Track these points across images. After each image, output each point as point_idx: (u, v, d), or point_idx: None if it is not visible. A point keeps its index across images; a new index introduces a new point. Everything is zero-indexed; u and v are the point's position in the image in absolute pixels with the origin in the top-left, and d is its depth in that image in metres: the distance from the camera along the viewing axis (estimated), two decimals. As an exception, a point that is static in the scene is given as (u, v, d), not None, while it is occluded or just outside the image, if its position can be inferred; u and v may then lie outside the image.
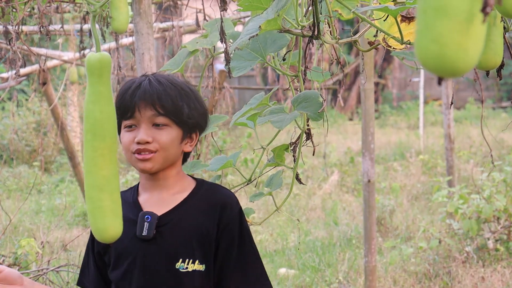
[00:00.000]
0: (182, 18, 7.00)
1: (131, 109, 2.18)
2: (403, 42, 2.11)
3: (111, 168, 1.93)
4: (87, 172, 1.92)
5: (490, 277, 5.93)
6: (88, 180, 1.92)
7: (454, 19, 0.96)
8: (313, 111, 2.31)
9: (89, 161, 1.92)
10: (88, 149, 1.92)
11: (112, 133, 1.94)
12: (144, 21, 3.44)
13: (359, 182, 10.16)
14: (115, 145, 1.94)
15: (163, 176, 2.24)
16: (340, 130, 16.39)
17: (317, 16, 2.11)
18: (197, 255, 2.17)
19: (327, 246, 7.22)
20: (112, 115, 1.94)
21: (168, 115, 2.17)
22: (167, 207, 2.22)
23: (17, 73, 3.56)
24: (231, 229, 2.19)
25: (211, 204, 2.21)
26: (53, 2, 3.30)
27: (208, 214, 2.19)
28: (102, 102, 1.92)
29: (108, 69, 1.92)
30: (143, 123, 2.17)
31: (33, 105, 12.93)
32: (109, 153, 1.91)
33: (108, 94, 1.93)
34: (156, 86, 2.18)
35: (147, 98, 2.16)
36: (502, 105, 20.47)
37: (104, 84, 1.92)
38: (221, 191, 2.29)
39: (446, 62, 0.98)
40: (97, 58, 1.90)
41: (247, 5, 2.25)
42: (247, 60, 2.38)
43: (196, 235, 2.18)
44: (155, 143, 2.16)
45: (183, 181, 2.29)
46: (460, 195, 6.60)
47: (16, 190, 10.17)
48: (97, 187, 1.92)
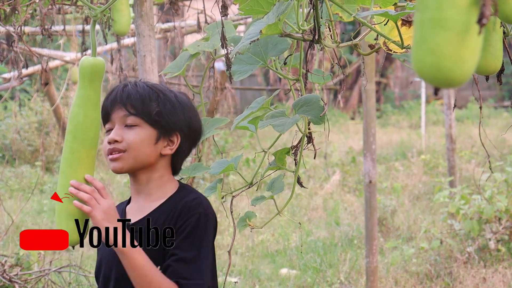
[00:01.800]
0: (184, 19, 7.01)
1: (107, 113, 2.21)
2: (403, 46, 2.12)
3: (86, 173, 1.94)
4: (61, 172, 1.94)
5: (491, 278, 5.93)
6: (60, 180, 1.94)
7: (451, 31, 0.97)
8: (314, 115, 2.32)
9: (65, 162, 1.95)
10: (66, 150, 1.94)
11: (93, 138, 1.96)
12: (145, 23, 3.45)
13: (361, 182, 10.15)
14: (93, 151, 1.96)
15: (145, 180, 2.25)
16: (342, 129, 16.39)
17: (317, 20, 2.12)
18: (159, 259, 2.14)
19: (328, 247, 7.22)
20: (96, 120, 1.95)
21: (138, 114, 2.19)
22: (142, 214, 2.24)
23: (19, 76, 3.58)
24: (181, 232, 2.15)
25: (174, 207, 2.19)
26: (54, 5, 3.31)
27: (169, 218, 2.18)
28: (88, 106, 1.94)
29: (100, 74, 1.94)
30: (116, 123, 2.20)
31: (35, 104, 12.94)
32: (86, 158, 1.94)
33: (96, 99, 1.95)
34: (129, 89, 2.21)
35: (118, 99, 2.20)
36: (504, 104, 20.45)
37: (93, 89, 1.94)
38: (189, 195, 2.24)
39: (443, 73, 0.99)
40: (90, 63, 1.92)
41: (248, 9, 2.26)
42: (248, 64, 2.39)
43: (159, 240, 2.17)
44: (124, 142, 2.18)
45: (166, 186, 2.27)
46: (461, 196, 6.60)
47: (18, 190, 10.17)
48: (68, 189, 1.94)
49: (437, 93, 1.04)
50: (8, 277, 4.66)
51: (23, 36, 3.84)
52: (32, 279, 4.85)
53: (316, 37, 2.15)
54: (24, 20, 3.53)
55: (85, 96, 1.93)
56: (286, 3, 2.11)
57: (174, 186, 2.29)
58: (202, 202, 2.22)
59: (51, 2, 3.36)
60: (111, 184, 9.76)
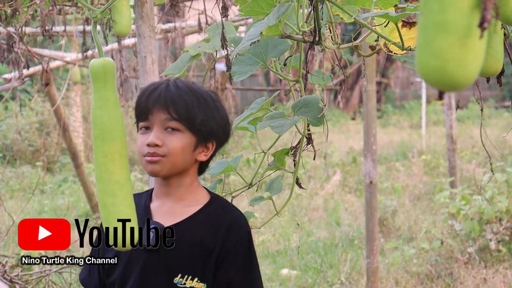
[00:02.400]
0: (184, 19, 7.01)
1: (145, 112, 2.17)
2: (404, 48, 2.12)
3: (123, 172, 1.92)
4: (99, 178, 1.91)
5: (492, 278, 5.93)
6: (100, 186, 1.91)
7: (454, 35, 0.97)
8: (313, 116, 2.32)
9: (100, 166, 1.91)
10: (98, 155, 1.91)
11: (121, 137, 1.93)
12: (146, 24, 3.45)
13: (361, 182, 10.15)
14: (125, 149, 1.94)
15: (176, 184, 2.21)
16: (342, 129, 16.39)
17: (318, 22, 2.12)
18: (197, 272, 2.13)
19: (329, 247, 7.22)
20: (120, 119, 1.93)
21: (181, 120, 2.14)
22: (175, 219, 2.19)
23: (21, 77, 3.58)
24: (236, 252, 2.15)
25: (219, 223, 2.17)
26: (55, 6, 3.31)
27: (214, 233, 2.15)
28: (109, 106, 1.92)
29: (112, 73, 1.92)
30: (156, 126, 2.15)
31: (36, 105, 12.94)
32: (120, 157, 1.91)
33: (114, 98, 1.92)
34: (172, 91, 2.16)
35: (161, 101, 2.15)
36: (505, 105, 20.46)
37: (109, 89, 1.92)
38: (231, 211, 2.24)
39: (447, 76, 0.98)
40: (101, 64, 1.90)
41: (248, 10, 2.26)
42: (248, 65, 2.39)
43: (199, 253, 2.14)
44: (164, 147, 2.14)
45: (196, 193, 2.25)
46: (462, 196, 6.60)
47: (19, 190, 10.18)
48: (110, 193, 1.91)
49: (442, 96, 1.04)
50: (9, 277, 4.66)
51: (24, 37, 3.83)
52: (33, 279, 4.85)
53: (317, 39, 2.15)
54: (25, 21, 3.53)
55: (103, 97, 1.91)
56: (287, 4, 2.11)
57: (204, 193, 2.27)
58: (244, 218, 2.24)
59: (52, 3, 3.35)
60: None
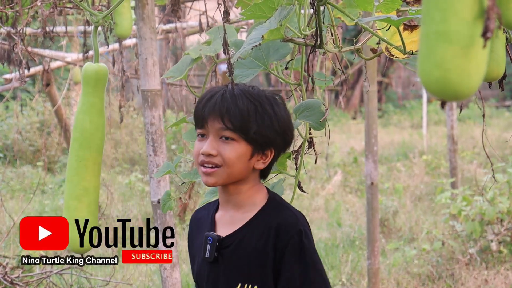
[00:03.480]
0: (185, 20, 7.01)
1: (202, 120, 2.14)
2: (405, 52, 2.11)
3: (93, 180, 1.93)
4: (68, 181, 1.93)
5: (493, 280, 5.93)
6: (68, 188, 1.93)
7: (456, 44, 0.96)
8: (315, 120, 2.31)
9: (72, 170, 1.93)
10: (72, 158, 1.93)
11: (98, 145, 1.94)
12: (147, 26, 3.45)
13: (363, 183, 10.15)
14: (100, 157, 1.94)
15: (234, 191, 2.18)
16: (344, 129, 16.39)
17: (319, 26, 2.11)
18: (256, 279, 2.10)
19: (330, 248, 7.22)
20: (101, 126, 1.93)
21: (236, 130, 2.11)
22: (233, 227, 2.17)
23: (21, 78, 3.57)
24: (290, 253, 2.09)
25: (268, 226, 2.12)
26: (56, 9, 3.31)
27: (263, 238, 2.11)
28: (93, 113, 1.92)
29: (103, 81, 1.92)
30: (211, 134, 2.12)
31: (37, 105, 12.94)
32: (93, 165, 1.92)
33: (100, 106, 1.93)
34: (227, 99, 2.12)
35: (216, 110, 2.11)
36: (506, 104, 20.46)
37: (97, 96, 1.92)
38: (283, 211, 2.18)
39: (449, 86, 0.98)
40: (94, 69, 1.91)
41: (249, 14, 2.25)
42: (249, 68, 2.38)
43: (255, 259, 2.11)
44: (219, 157, 2.11)
45: (256, 196, 2.20)
46: (463, 197, 6.59)
47: (20, 190, 10.17)
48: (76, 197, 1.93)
49: (444, 106, 1.03)
50: (9, 279, 4.66)
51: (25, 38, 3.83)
52: (34, 281, 4.85)
53: (318, 42, 2.15)
54: (26, 23, 3.52)
55: (89, 103, 1.92)
56: (288, 8, 2.10)
57: (263, 195, 2.22)
58: (295, 216, 2.16)
59: (53, 5, 3.35)
60: (112, 185, 9.76)
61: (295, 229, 2.11)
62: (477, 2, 0.98)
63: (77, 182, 1.93)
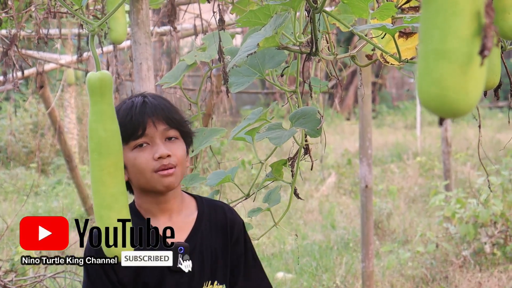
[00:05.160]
0: (180, 23, 7.00)
1: (142, 126, 2.12)
2: (400, 60, 2.11)
3: (119, 186, 1.92)
4: (95, 192, 1.92)
5: (487, 282, 5.94)
6: (96, 199, 1.92)
7: (454, 62, 0.97)
8: (311, 127, 2.31)
9: (96, 180, 1.92)
10: (94, 168, 1.91)
11: (117, 150, 1.93)
12: (142, 31, 3.43)
13: (356, 184, 10.16)
14: (121, 163, 1.93)
15: (172, 196, 2.18)
16: (337, 130, 16.39)
17: (315, 33, 2.11)
18: (218, 276, 2.17)
19: (324, 250, 7.22)
20: (116, 132, 1.93)
21: (178, 127, 2.14)
22: (183, 233, 2.18)
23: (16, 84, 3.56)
24: (239, 244, 2.23)
25: (222, 223, 2.21)
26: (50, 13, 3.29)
27: (221, 234, 2.19)
28: (106, 120, 1.92)
29: (109, 87, 1.92)
30: (157, 138, 2.12)
31: (30, 106, 12.91)
32: (115, 171, 1.91)
33: (111, 112, 1.92)
34: (159, 100, 2.15)
35: (158, 112, 2.12)
36: (499, 105, 20.50)
37: (106, 103, 1.92)
38: (223, 208, 2.28)
39: (447, 104, 0.98)
40: (98, 77, 1.90)
41: (245, 21, 2.25)
42: (245, 76, 2.38)
43: (217, 257, 2.18)
44: (174, 157, 2.11)
45: (184, 199, 2.24)
46: (457, 199, 6.61)
47: (13, 192, 10.15)
48: (106, 206, 1.92)
49: (442, 123, 1.03)
50: (2, 283, 4.64)
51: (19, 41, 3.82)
52: (27, 285, 4.83)
53: (314, 50, 2.14)
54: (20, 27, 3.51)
55: (100, 111, 1.91)
56: (284, 15, 2.10)
57: (186, 195, 2.27)
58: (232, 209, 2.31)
59: (47, 10, 3.34)
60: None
61: (241, 221, 2.28)
62: (474, 20, 0.98)
63: (104, 191, 1.91)
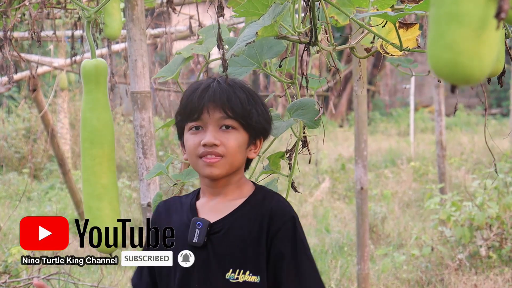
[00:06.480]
0: (173, 25, 6.98)
1: (199, 110, 2.08)
2: (402, 49, 2.09)
3: (110, 176, 1.89)
4: (85, 181, 1.89)
5: (482, 285, 5.92)
6: (86, 189, 1.89)
7: (468, 26, 0.93)
8: (309, 118, 2.28)
9: (87, 170, 1.88)
10: (86, 157, 1.88)
11: (110, 140, 1.90)
12: (137, 27, 3.41)
13: (351, 189, 10.15)
14: (113, 153, 1.90)
15: (225, 183, 2.14)
16: (331, 136, 16.39)
17: (314, 22, 2.09)
18: (249, 265, 2.06)
19: (319, 254, 7.19)
20: (110, 122, 1.90)
21: (237, 118, 2.08)
22: (221, 214, 2.12)
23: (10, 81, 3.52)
24: (281, 239, 2.07)
25: (261, 212, 2.09)
26: (45, 8, 3.26)
27: (257, 223, 2.08)
28: (100, 109, 1.89)
29: (104, 75, 1.89)
30: (211, 125, 2.08)
31: (22, 111, 12.86)
32: (108, 161, 1.88)
33: (105, 101, 1.89)
34: (225, 88, 2.10)
35: (216, 99, 2.08)
36: (492, 112, 20.56)
37: (100, 91, 1.89)
38: (274, 198, 2.16)
39: (460, 69, 0.94)
40: (93, 65, 1.87)
41: (243, 11, 2.22)
42: (243, 66, 2.35)
43: (247, 245, 2.08)
44: (222, 147, 2.07)
45: (243, 187, 2.18)
46: (452, 202, 6.59)
47: (5, 197, 10.09)
48: (96, 197, 1.89)
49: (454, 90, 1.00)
50: (-4, 285, 4.60)
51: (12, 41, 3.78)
52: (21, 286, 4.78)
53: (313, 39, 2.12)
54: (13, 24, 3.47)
55: (94, 100, 1.87)
56: (282, 5, 2.07)
57: (249, 186, 2.20)
58: (287, 203, 2.17)
59: (41, 5, 3.31)
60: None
61: (289, 215, 2.11)
62: (489, -19, 0.95)
63: (95, 181, 1.88)
